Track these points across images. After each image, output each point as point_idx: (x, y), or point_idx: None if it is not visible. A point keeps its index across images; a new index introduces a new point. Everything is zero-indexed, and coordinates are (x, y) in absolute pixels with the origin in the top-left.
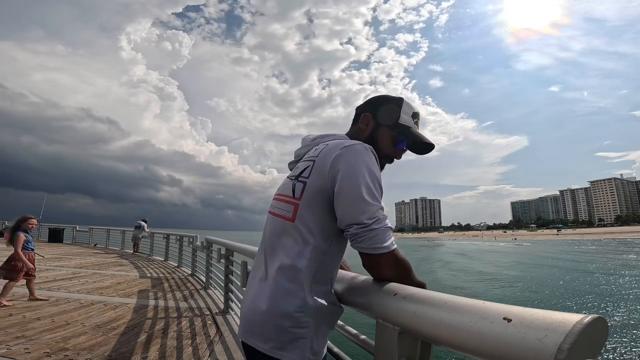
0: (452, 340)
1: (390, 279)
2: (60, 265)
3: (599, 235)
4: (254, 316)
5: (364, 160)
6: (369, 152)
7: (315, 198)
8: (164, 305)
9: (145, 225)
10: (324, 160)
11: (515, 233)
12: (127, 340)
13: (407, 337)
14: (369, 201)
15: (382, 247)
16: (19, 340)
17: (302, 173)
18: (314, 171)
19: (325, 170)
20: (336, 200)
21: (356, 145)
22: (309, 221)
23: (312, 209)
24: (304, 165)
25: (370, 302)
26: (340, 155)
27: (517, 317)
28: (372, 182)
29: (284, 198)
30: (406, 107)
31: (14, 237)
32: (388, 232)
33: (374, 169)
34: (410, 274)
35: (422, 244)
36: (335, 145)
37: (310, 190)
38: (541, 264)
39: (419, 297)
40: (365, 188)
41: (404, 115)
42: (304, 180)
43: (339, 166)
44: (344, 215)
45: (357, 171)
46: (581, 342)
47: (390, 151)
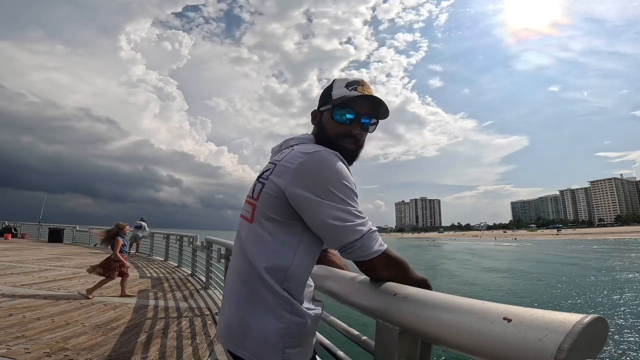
0: (452, 340)
1: (389, 278)
2: (60, 265)
3: (599, 235)
4: (225, 322)
5: (327, 168)
6: (332, 157)
7: (271, 200)
8: (164, 305)
9: (145, 225)
10: (286, 164)
11: (515, 233)
12: (127, 340)
13: (407, 337)
14: (344, 218)
15: (372, 252)
16: (19, 340)
17: (263, 174)
18: (274, 173)
19: (284, 176)
20: (306, 217)
21: (319, 152)
22: (267, 223)
23: (270, 210)
24: (267, 167)
25: (370, 302)
26: (302, 163)
27: (517, 317)
28: (341, 190)
29: (248, 199)
30: (338, 83)
31: (114, 241)
32: (373, 235)
33: (339, 174)
34: (407, 271)
35: (427, 244)
36: (297, 151)
37: (267, 191)
38: (541, 263)
39: (419, 297)
40: (335, 200)
41: (335, 90)
42: (263, 181)
43: (300, 176)
44: (322, 238)
45: (322, 182)
46: (581, 342)
47: (337, 130)
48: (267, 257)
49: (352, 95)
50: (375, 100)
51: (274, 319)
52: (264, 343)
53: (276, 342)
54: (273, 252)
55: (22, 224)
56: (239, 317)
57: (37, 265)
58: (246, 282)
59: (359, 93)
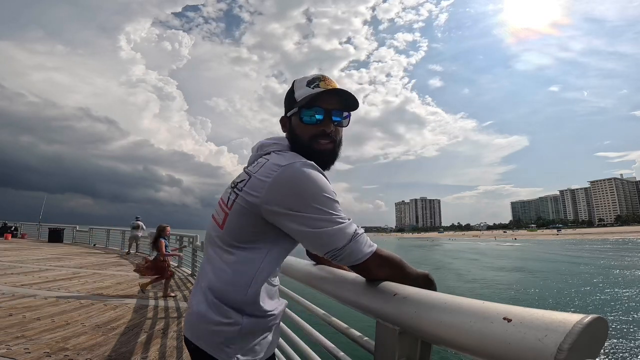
0: (452, 340)
1: (385, 277)
2: (60, 265)
3: (599, 235)
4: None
5: (303, 181)
6: (307, 169)
7: (244, 213)
8: (164, 305)
9: (142, 224)
10: (260, 177)
11: (515, 233)
12: (127, 340)
13: (407, 337)
14: (327, 226)
15: (362, 256)
16: (19, 340)
17: (237, 184)
18: (248, 186)
19: (259, 191)
20: (287, 230)
21: (293, 164)
22: (235, 233)
23: (239, 223)
24: (242, 176)
25: (370, 302)
26: (277, 178)
27: (517, 317)
28: (319, 201)
29: (221, 203)
30: (299, 83)
31: (157, 243)
32: (360, 238)
33: (317, 185)
34: (403, 268)
35: (429, 244)
36: (271, 164)
37: (240, 203)
38: (541, 263)
39: (419, 297)
40: (315, 211)
41: (297, 92)
42: (237, 192)
43: (275, 191)
44: (309, 248)
45: (299, 196)
46: (581, 342)
47: (309, 132)
48: (232, 267)
49: (316, 92)
50: (341, 93)
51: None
52: (216, 340)
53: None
54: (238, 264)
55: (22, 224)
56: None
57: (37, 265)
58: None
59: (323, 89)
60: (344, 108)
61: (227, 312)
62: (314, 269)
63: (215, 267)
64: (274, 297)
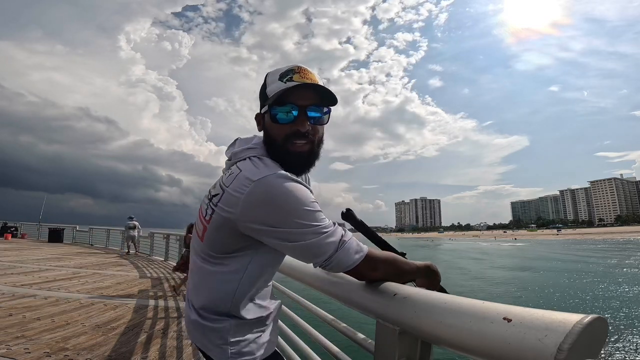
0: (452, 340)
1: (381, 278)
2: (60, 265)
3: (599, 235)
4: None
5: (278, 196)
6: (280, 181)
7: (221, 228)
8: (164, 305)
9: (138, 224)
10: (233, 193)
11: (515, 233)
12: (127, 340)
13: (407, 337)
14: (309, 238)
15: (351, 263)
16: (19, 340)
17: (213, 198)
18: (222, 202)
19: (234, 207)
20: (270, 244)
21: (265, 178)
22: (215, 246)
23: (217, 238)
24: (217, 189)
25: (370, 302)
26: (250, 194)
27: (517, 317)
28: (298, 214)
29: (200, 215)
30: (272, 76)
31: (186, 239)
32: (347, 245)
33: (293, 198)
34: (399, 266)
35: (432, 245)
36: (243, 178)
37: (217, 219)
38: (541, 263)
39: (419, 297)
40: (296, 225)
41: (269, 86)
42: (212, 207)
43: (250, 208)
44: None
45: (276, 212)
46: (581, 342)
47: (283, 132)
48: (215, 277)
49: (288, 86)
50: (317, 87)
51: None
52: (210, 340)
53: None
54: (220, 275)
55: (22, 224)
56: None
57: (37, 265)
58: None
59: (297, 82)
60: (321, 103)
61: (215, 319)
62: (313, 269)
63: (198, 277)
64: (266, 297)
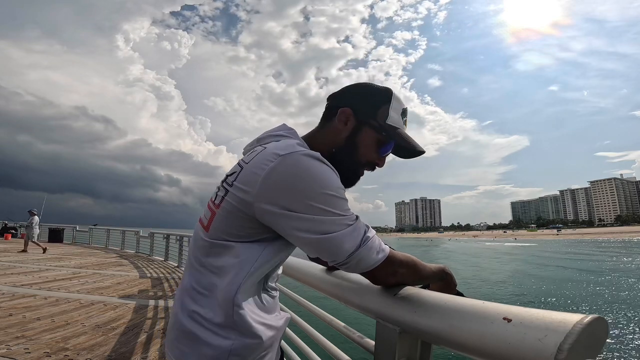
0: (452, 340)
1: (396, 283)
2: (60, 265)
3: (599, 235)
4: (172, 334)
5: (303, 175)
6: (310, 160)
7: (234, 211)
8: (164, 305)
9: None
10: (253, 169)
11: (515, 233)
12: (127, 340)
13: (407, 337)
14: (330, 232)
15: (372, 263)
16: (19, 340)
17: (227, 178)
18: (239, 179)
19: (252, 184)
20: (284, 234)
21: (294, 154)
22: (223, 233)
23: (228, 222)
24: (234, 168)
25: (370, 302)
26: (272, 170)
27: (517, 317)
28: (322, 200)
29: (209, 203)
30: (396, 102)
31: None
32: (369, 243)
33: (320, 180)
34: (419, 270)
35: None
36: (269, 152)
37: (230, 200)
38: (541, 263)
39: (419, 297)
40: (317, 212)
41: (393, 113)
42: (226, 187)
43: (270, 185)
44: (312, 255)
45: (297, 194)
46: (581, 342)
47: (373, 157)
48: (217, 274)
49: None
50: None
51: (219, 339)
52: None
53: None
54: (224, 270)
55: (22, 223)
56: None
57: (37, 265)
58: (193, 294)
59: (406, 127)
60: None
61: (215, 330)
62: (313, 269)
63: (197, 275)
64: (273, 309)
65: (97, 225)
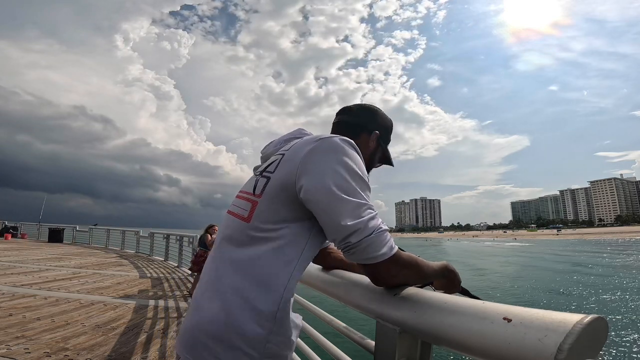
0: (452, 340)
1: (399, 284)
2: (60, 265)
3: (599, 235)
4: (195, 331)
5: (340, 154)
6: (347, 145)
7: (278, 195)
8: (164, 305)
9: None
10: (295, 153)
11: (515, 233)
12: (127, 340)
13: (407, 337)
14: (351, 210)
15: (378, 254)
16: (19, 340)
17: (267, 168)
18: (281, 165)
19: (294, 164)
20: (312, 208)
21: (333, 138)
22: (268, 222)
23: (273, 208)
24: (272, 159)
25: (370, 302)
26: (313, 150)
27: (517, 317)
28: (354, 179)
29: (244, 195)
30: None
31: (204, 239)
32: (383, 235)
33: (354, 162)
34: (421, 270)
35: (428, 245)
36: (310, 139)
37: (274, 185)
38: (541, 263)
39: (419, 297)
40: (347, 190)
41: (390, 136)
42: (268, 175)
43: (311, 161)
44: (325, 225)
45: (333, 170)
46: (581, 342)
47: (372, 166)
48: (265, 261)
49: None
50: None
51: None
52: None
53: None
54: (272, 256)
55: (22, 224)
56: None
57: (37, 265)
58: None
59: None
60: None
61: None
62: (313, 269)
63: (240, 265)
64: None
65: (97, 225)
